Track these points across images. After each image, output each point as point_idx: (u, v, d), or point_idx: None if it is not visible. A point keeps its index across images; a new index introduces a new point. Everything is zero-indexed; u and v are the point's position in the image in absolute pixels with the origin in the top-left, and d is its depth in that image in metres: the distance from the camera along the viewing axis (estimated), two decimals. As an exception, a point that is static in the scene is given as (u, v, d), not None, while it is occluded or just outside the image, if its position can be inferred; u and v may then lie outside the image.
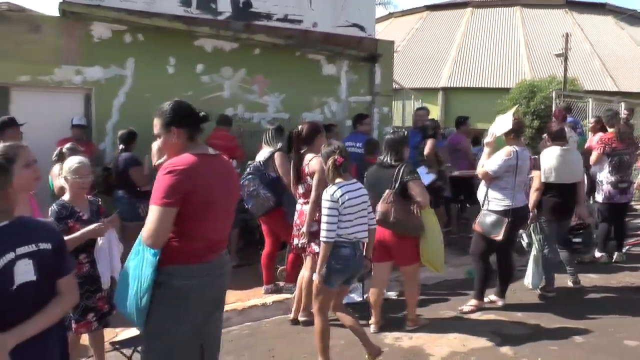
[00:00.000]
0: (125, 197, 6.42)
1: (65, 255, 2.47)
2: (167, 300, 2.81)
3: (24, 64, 6.91)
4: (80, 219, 3.77)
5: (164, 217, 2.68)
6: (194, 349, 2.94)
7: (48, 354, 2.40)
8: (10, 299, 2.21)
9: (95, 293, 3.85)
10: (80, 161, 3.83)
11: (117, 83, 7.44)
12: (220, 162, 2.99)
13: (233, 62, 8.13)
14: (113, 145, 7.23)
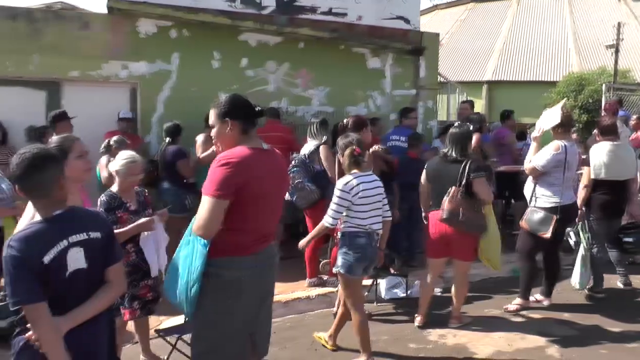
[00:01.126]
0: (172, 189, 6.51)
1: (114, 244, 2.53)
2: (217, 291, 2.85)
3: (74, 59, 7.12)
4: (128, 209, 3.87)
5: (216, 208, 2.71)
6: (244, 339, 2.98)
7: (97, 339, 2.48)
8: (64, 285, 2.29)
9: (141, 281, 3.94)
10: (133, 159, 3.92)
11: (163, 77, 7.57)
12: (273, 156, 3.01)
13: (277, 56, 8.15)
14: (158, 138, 7.37)
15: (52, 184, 2.33)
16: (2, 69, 6.90)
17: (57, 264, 2.25)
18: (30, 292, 2.20)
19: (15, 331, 2.36)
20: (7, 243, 2.23)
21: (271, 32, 7.97)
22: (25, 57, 6.95)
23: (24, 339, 2.30)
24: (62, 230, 2.30)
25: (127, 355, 4.16)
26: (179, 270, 2.89)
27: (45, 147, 2.55)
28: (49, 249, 2.23)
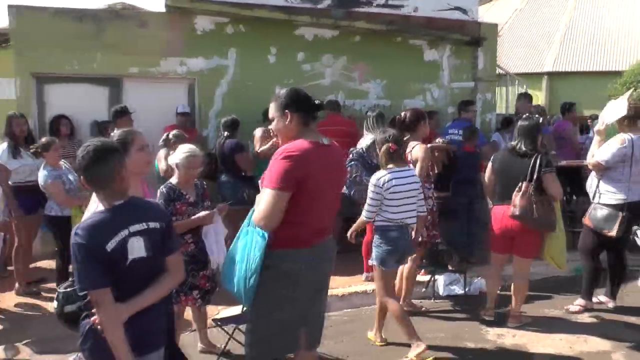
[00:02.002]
0: (230, 182, 6.62)
1: (172, 234, 2.60)
2: (274, 282, 2.89)
3: (134, 56, 7.34)
4: (187, 201, 3.97)
5: (277, 200, 2.74)
6: (297, 330, 3.01)
7: (156, 325, 2.55)
8: (125, 272, 2.37)
9: (199, 272, 4.03)
10: (193, 153, 4.01)
11: (220, 73, 7.69)
12: (332, 151, 3.01)
13: (334, 49, 8.14)
14: (216, 131, 7.51)
15: (114, 175, 2.41)
16: (69, 67, 7.19)
17: (119, 252, 2.33)
18: (95, 279, 2.29)
19: (83, 315, 2.46)
20: (74, 231, 2.33)
21: (327, 25, 7.95)
22: (90, 55, 7.21)
23: (89, 323, 2.40)
24: (123, 220, 2.38)
25: (185, 343, 4.26)
26: (237, 260, 2.94)
27: (107, 141, 2.64)
28: (111, 237, 2.32)
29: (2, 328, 5.23)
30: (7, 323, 5.33)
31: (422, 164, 4.91)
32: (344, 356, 4.54)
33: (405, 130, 5.07)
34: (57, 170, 5.42)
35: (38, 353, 4.73)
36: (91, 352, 2.44)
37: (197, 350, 4.48)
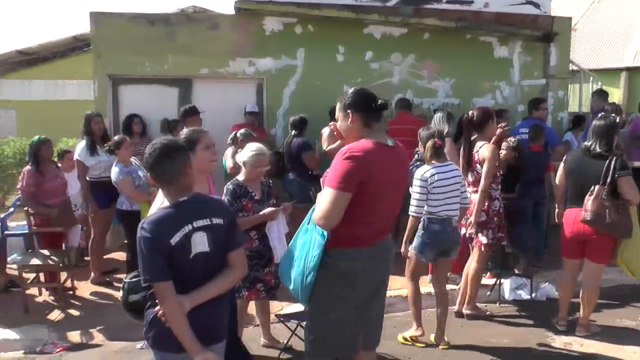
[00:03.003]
0: (297, 180, 6.71)
1: (236, 230, 2.65)
2: (333, 281, 2.88)
3: (204, 58, 7.58)
4: (253, 198, 4.05)
5: (339, 200, 2.75)
6: (355, 330, 3.00)
7: (218, 318, 2.61)
8: (188, 266, 2.44)
9: (264, 267, 4.09)
10: (261, 151, 4.10)
11: (288, 72, 7.79)
12: (395, 152, 2.98)
13: (402, 47, 8.05)
14: (284, 130, 7.62)
15: (179, 172, 2.48)
16: (141, 69, 7.54)
17: (182, 247, 2.40)
18: (159, 271, 2.37)
19: (147, 304, 2.56)
20: (140, 225, 2.42)
21: (396, 23, 7.87)
22: (161, 57, 7.51)
23: (153, 313, 2.48)
24: (188, 216, 2.44)
25: (249, 337, 4.35)
26: (295, 258, 2.97)
27: (174, 139, 2.73)
28: (175, 232, 2.39)
29: (79, 314, 5.56)
30: (82, 310, 5.66)
31: (489, 164, 4.78)
32: (406, 357, 4.49)
33: (473, 129, 4.96)
34: (128, 167, 5.66)
35: (110, 339, 5.00)
36: (155, 340, 2.53)
37: (260, 345, 4.56)
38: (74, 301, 5.86)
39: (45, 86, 15.69)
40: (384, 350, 4.36)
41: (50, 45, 15.52)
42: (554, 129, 7.68)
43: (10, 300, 5.88)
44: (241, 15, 7.67)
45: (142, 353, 4.60)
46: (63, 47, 15.61)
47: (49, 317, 5.48)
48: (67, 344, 4.95)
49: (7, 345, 4.95)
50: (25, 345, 4.93)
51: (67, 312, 5.59)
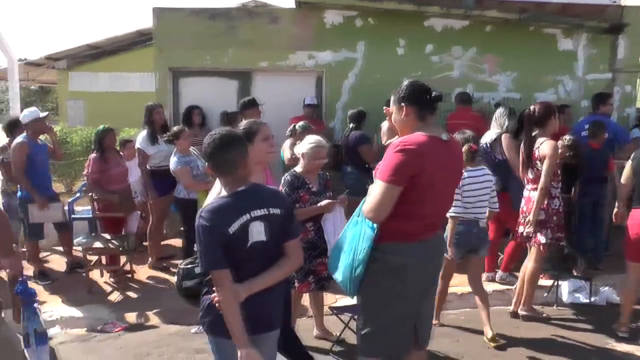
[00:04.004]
0: (354, 173, 6.72)
1: (292, 221, 2.66)
2: (383, 275, 2.86)
3: (264, 51, 7.67)
4: (310, 190, 4.07)
5: (388, 193, 2.72)
6: (407, 327, 2.96)
7: (273, 307, 2.64)
8: (244, 255, 2.47)
9: (317, 258, 4.10)
10: (319, 144, 4.13)
11: (348, 65, 7.79)
12: (450, 146, 2.92)
13: (463, 40, 7.90)
14: (342, 123, 7.62)
15: (237, 162, 2.51)
16: (202, 62, 7.70)
17: (240, 236, 2.43)
18: (216, 259, 2.41)
19: (204, 290, 2.60)
20: (199, 214, 2.46)
21: (457, 16, 7.71)
22: (222, 51, 7.66)
23: (210, 299, 2.53)
24: (245, 205, 2.47)
25: (302, 328, 4.37)
26: (345, 250, 2.96)
27: (232, 130, 2.76)
28: (233, 221, 2.42)
29: (136, 297, 5.76)
30: (140, 293, 5.87)
31: (550, 161, 4.63)
32: (458, 356, 4.42)
33: (534, 125, 4.82)
34: (186, 157, 5.79)
35: (165, 322, 5.16)
36: (210, 326, 2.58)
37: (313, 336, 4.58)
38: (133, 284, 6.08)
39: (110, 78, 16.28)
40: (438, 347, 4.32)
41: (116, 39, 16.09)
42: (622, 126, 7.36)
43: (74, 280, 6.18)
44: (302, 8, 7.72)
45: (196, 337, 4.72)
46: (127, 41, 16.17)
47: (109, 298, 5.73)
48: (125, 324, 5.16)
49: (72, 322, 5.21)
50: (87, 324, 5.18)
51: (126, 294, 5.81)
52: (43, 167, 6.16)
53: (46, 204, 5.93)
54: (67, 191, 10.48)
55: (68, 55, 16.61)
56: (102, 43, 16.29)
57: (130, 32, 15.79)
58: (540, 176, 4.68)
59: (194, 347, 4.55)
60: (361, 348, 3.04)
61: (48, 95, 29.75)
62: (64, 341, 4.86)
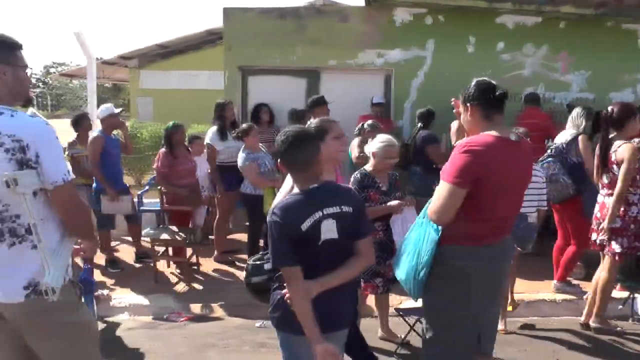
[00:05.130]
0: (420, 173, 6.65)
1: (364, 219, 2.63)
2: (446, 279, 2.79)
3: (332, 49, 7.70)
4: (379, 189, 4.05)
5: (453, 195, 2.66)
6: (471, 334, 2.87)
7: (343, 306, 2.61)
8: (316, 252, 2.46)
9: (386, 260, 4.06)
10: (390, 143, 4.10)
11: (417, 64, 7.72)
12: (519, 147, 2.81)
13: (535, 38, 7.67)
14: (410, 122, 7.56)
15: (310, 160, 2.50)
16: (271, 60, 7.81)
17: (312, 233, 2.42)
18: (288, 256, 2.41)
19: (274, 286, 2.62)
20: (271, 210, 2.47)
21: (530, 12, 7.49)
22: (290, 49, 7.74)
23: (280, 295, 2.54)
24: (318, 202, 2.46)
25: (366, 328, 4.32)
26: (409, 252, 2.90)
27: (305, 128, 2.77)
28: (305, 218, 2.41)
29: (201, 288, 5.89)
30: (205, 285, 6.00)
31: (628, 166, 4.39)
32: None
33: (611, 127, 4.59)
34: (254, 154, 5.86)
35: (229, 315, 5.27)
36: (279, 321, 2.58)
37: (377, 337, 4.54)
38: (198, 276, 6.22)
39: (180, 76, 16.73)
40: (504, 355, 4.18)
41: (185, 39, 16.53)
42: None
43: (142, 270, 6.42)
44: (371, 6, 7.71)
45: (260, 331, 4.78)
46: (196, 40, 16.56)
47: (175, 289, 5.89)
48: (190, 315, 5.29)
49: (139, 309, 5.40)
50: (153, 312, 5.35)
51: (191, 286, 5.95)
52: (115, 161, 6.40)
53: (117, 197, 6.15)
54: (136, 184, 10.85)
55: (139, 54, 17.19)
56: (172, 43, 16.76)
57: (199, 31, 16.16)
58: (617, 181, 4.46)
59: (258, 341, 4.60)
60: (424, 354, 2.99)
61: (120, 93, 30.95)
62: (131, 327, 5.04)
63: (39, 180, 2.23)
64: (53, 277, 2.26)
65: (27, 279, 2.28)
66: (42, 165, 2.23)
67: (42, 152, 2.23)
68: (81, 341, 2.46)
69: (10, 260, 2.28)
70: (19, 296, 2.28)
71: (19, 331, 2.39)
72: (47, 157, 2.24)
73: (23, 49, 2.41)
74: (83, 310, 2.55)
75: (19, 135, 2.20)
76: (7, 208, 2.24)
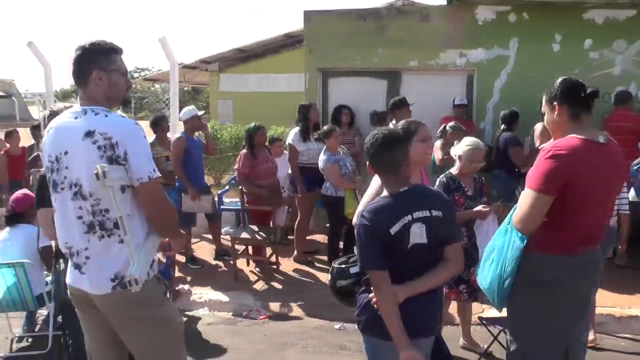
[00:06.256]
0: (503, 177, 6.49)
1: (454, 224, 2.58)
2: (532, 290, 2.67)
3: (414, 50, 7.57)
4: (465, 193, 3.96)
5: (538, 203, 2.53)
6: (558, 349, 2.73)
7: (430, 312, 2.55)
8: (404, 256, 2.41)
9: (470, 267, 3.94)
10: (476, 146, 4.01)
11: (500, 63, 7.48)
12: (608, 151, 2.64)
13: (627, 33, 7.22)
14: (493, 124, 7.35)
15: (399, 162, 2.47)
16: (351, 62, 7.78)
17: (401, 237, 2.38)
18: (376, 260, 2.38)
19: (361, 289, 2.59)
20: (360, 213, 2.45)
21: (623, 5, 7.06)
22: (371, 50, 7.67)
23: (367, 298, 2.51)
24: (407, 206, 2.42)
25: (447, 336, 4.16)
26: (493, 259, 2.79)
27: (394, 130, 2.72)
28: (394, 221, 2.37)
29: (280, 288, 5.96)
30: (284, 284, 6.05)
31: None
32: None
33: None
34: (335, 155, 5.87)
35: (308, 315, 5.28)
36: (366, 325, 2.55)
37: (459, 345, 4.43)
38: (277, 275, 6.28)
39: (259, 79, 17.04)
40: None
41: (264, 43, 16.81)
42: None
43: (220, 268, 6.57)
44: (453, 5, 7.56)
45: (340, 333, 4.77)
46: (275, 44, 16.81)
47: (254, 287, 5.97)
48: (269, 313, 5.35)
49: (219, 305, 5.53)
50: (233, 309, 5.46)
51: (270, 284, 6.02)
52: (197, 161, 6.57)
53: (198, 196, 6.31)
54: (215, 184, 11.12)
55: (219, 58, 17.64)
56: (251, 46, 17.10)
57: (278, 35, 16.40)
58: None
59: (338, 343, 4.59)
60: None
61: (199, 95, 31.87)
62: (211, 322, 5.18)
63: (126, 176, 2.32)
64: (137, 269, 2.35)
65: (114, 271, 2.39)
66: (130, 162, 2.32)
67: (130, 150, 2.32)
68: (165, 336, 2.54)
69: (100, 253, 2.40)
70: (105, 288, 2.39)
71: (109, 322, 2.50)
72: (134, 154, 2.32)
73: (121, 53, 2.50)
74: (168, 306, 2.62)
75: (110, 133, 2.30)
76: (97, 202, 2.35)
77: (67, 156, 2.37)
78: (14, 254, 4.50)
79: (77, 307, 2.62)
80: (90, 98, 2.42)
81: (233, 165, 8.91)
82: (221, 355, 4.49)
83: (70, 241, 2.44)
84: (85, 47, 2.42)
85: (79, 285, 2.47)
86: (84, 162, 2.30)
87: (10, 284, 4.39)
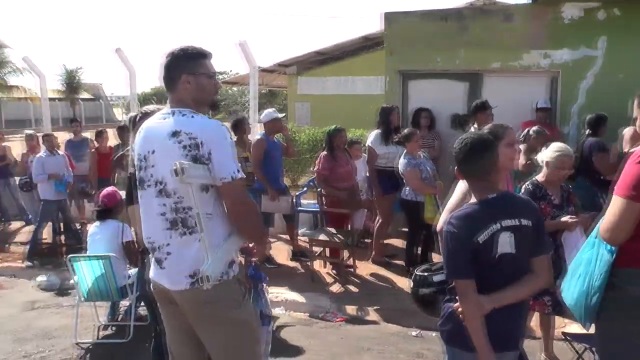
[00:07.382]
0: (585, 184, 6.16)
1: (542, 234, 2.48)
2: (623, 307, 2.46)
3: (496, 51, 7.38)
4: (551, 202, 3.80)
5: (628, 211, 2.35)
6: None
7: (515, 325, 2.48)
8: (491, 266, 2.36)
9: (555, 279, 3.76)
10: (565, 153, 3.85)
11: (586, 64, 7.17)
12: None
13: None
14: (577, 129, 7.06)
15: (489, 168, 2.42)
16: (432, 63, 7.66)
17: (488, 246, 2.33)
18: (462, 268, 2.34)
19: (445, 298, 2.54)
20: (447, 220, 2.41)
21: None
22: (453, 52, 7.53)
23: (451, 307, 2.46)
24: (495, 214, 2.36)
25: (527, 349, 4.06)
26: (580, 273, 2.61)
27: (484, 135, 2.65)
28: (482, 229, 2.32)
29: (357, 291, 5.96)
30: (360, 287, 6.05)
31: None
32: None
33: None
34: (415, 159, 5.81)
35: (384, 320, 5.24)
36: (449, 335, 2.51)
37: (540, 360, 4.26)
38: (353, 278, 6.28)
39: (337, 82, 17.15)
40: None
41: (342, 46, 16.88)
42: None
43: (296, 268, 6.66)
44: (538, 4, 7.32)
45: (416, 341, 4.71)
46: (353, 46, 16.84)
47: (330, 289, 6.01)
48: (345, 316, 5.35)
49: (295, 306, 5.60)
50: (309, 310, 5.50)
51: (346, 287, 6.03)
52: (276, 162, 6.69)
53: (277, 196, 6.41)
54: (292, 185, 11.26)
55: (297, 62, 17.86)
56: (329, 50, 17.20)
57: (355, 37, 16.41)
58: None
59: (415, 351, 4.54)
60: None
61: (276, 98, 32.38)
62: (287, 323, 5.22)
63: (207, 175, 2.37)
64: (210, 267, 2.39)
65: (192, 268, 2.43)
66: (213, 162, 2.36)
67: (214, 150, 2.37)
68: (242, 338, 2.56)
69: (180, 249, 2.45)
70: (183, 284, 2.44)
71: (188, 318, 2.55)
72: (218, 154, 2.37)
73: (210, 57, 2.57)
74: (246, 308, 2.61)
75: (195, 133, 2.36)
76: (180, 200, 2.42)
77: (154, 155, 2.46)
78: (102, 247, 4.85)
79: (159, 302, 2.70)
80: (178, 101, 2.50)
81: (310, 167, 8.98)
82: (297, 356, 4.53)
83: (153, 236, 2.52)
84: (174, 53, 2.50)
85: (160, 281, 2.54)
86: (169, 160, 2.36)
87: (98, 275, 4.73)
